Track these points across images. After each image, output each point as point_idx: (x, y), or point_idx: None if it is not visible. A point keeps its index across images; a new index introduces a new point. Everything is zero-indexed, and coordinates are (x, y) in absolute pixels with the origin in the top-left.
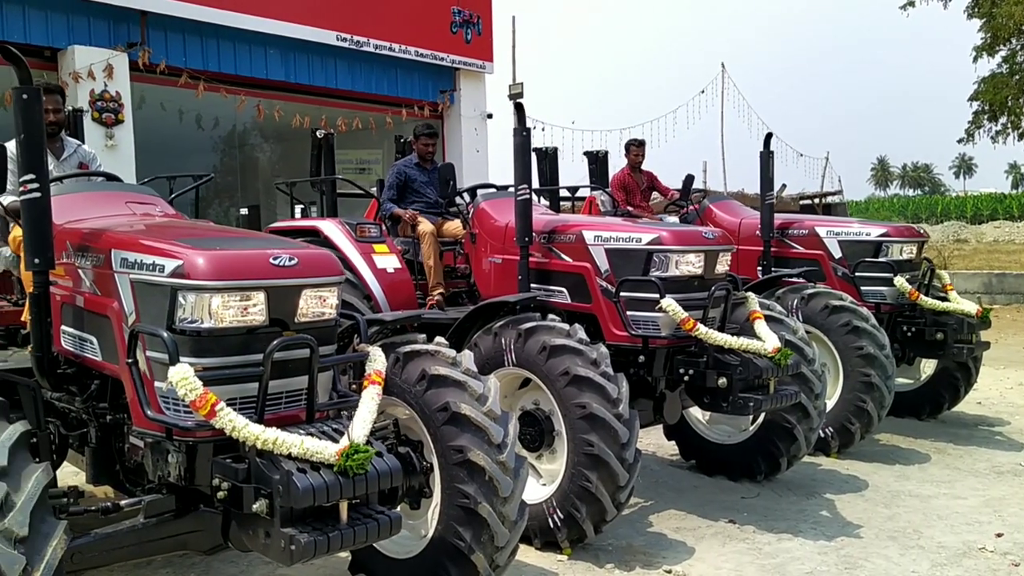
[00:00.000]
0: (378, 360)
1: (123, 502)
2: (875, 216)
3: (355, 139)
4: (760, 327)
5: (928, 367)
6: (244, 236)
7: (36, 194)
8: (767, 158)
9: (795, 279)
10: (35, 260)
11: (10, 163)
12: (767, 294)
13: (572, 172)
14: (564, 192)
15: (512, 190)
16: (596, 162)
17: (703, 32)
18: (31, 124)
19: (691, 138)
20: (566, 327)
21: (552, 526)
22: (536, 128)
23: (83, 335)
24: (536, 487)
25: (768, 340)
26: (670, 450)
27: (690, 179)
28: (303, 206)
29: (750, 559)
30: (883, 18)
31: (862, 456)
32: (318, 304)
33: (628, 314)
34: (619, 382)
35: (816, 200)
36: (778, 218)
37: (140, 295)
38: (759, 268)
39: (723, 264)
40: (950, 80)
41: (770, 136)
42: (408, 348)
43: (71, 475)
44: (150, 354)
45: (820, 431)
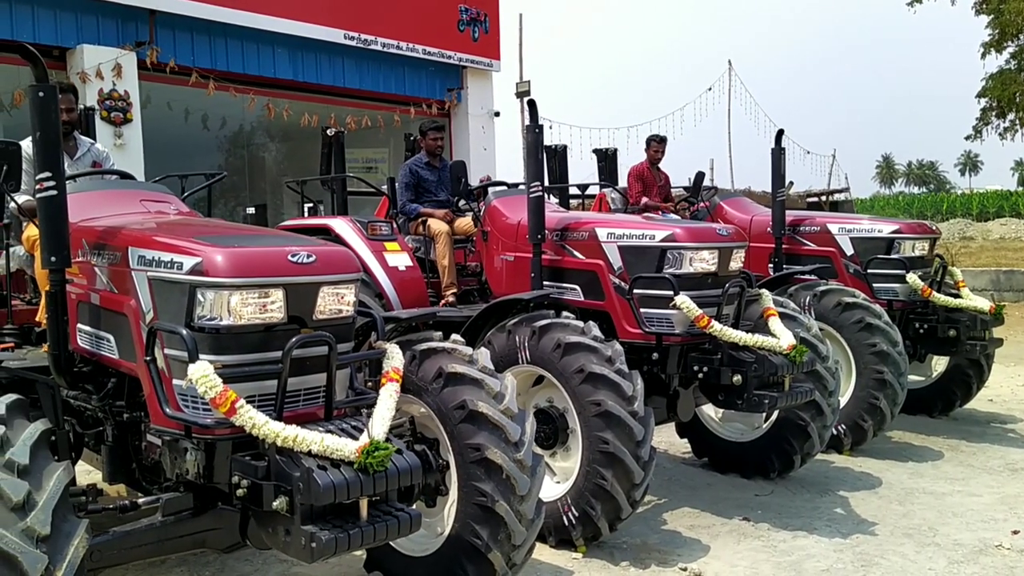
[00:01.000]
0: (396, 357)
1: (141, 500)
2: (881, 214)
3: (361, 138)
4: (774, 324)
5: (940, 364)
6: (262, 234)
7: (52, 192)
8: (778, 155)
9: (807, 276)
10: (52, 258)
11: (24, 163)
12: (779, 291)
13: (579, 170)
14: (573, 190)
15: (523, 188)
16: (605, 160)
17: (710, 30)
18: (47, 122)
19: (698, 135)
20: (580, 324)
21: (567, 524)
22: (544, 125)
23: (100, 333)
24: (551, 485)
25: (783, 337)
26: (682, 448)
27: (700, 176)
28: (311, 204)
29: (765, 556)
30: (889, 16)
31: (875, 454)
32: (336, 301)
33: (642, 311)
34: (634, 380)
35: (823, 197)
36: (789, 215)
37: (158, 292)
38: (770, 265)
39: (737, 261)
40: (955, 78)
41: (781, 133)
42: (425, 346)
43: (83, 474)
44: (168, 352)
45: (833, 428)
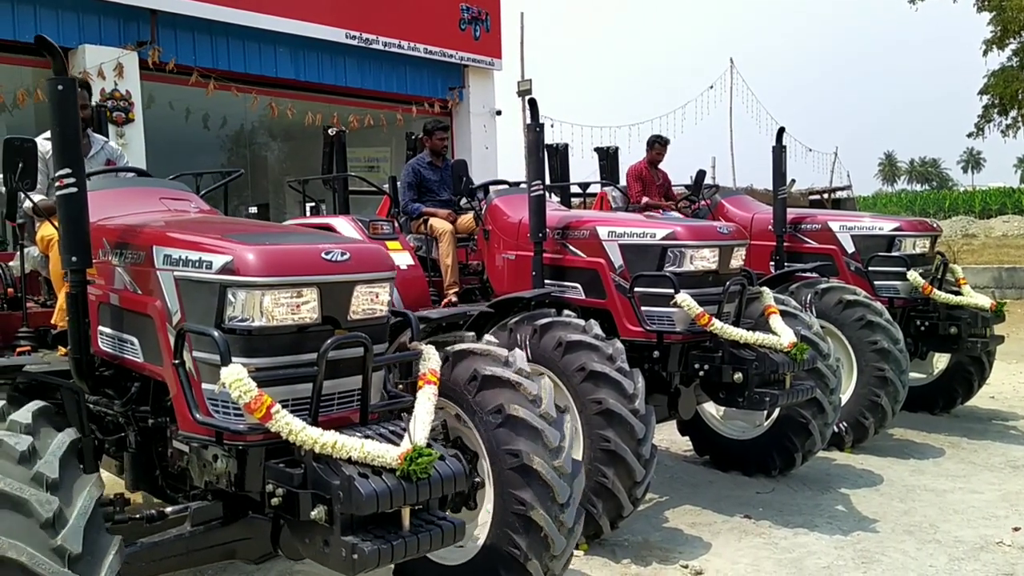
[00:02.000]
0: (433, 359)
1: (168, 509)
2: (883, 211)
3: (362, 137)
4: (775, 322)
5: (941, 361)
6: (292, 231)
7: (72, 189)
8: (779, 152)
9: (808, 274)
10: (72, 258)
11: (39, 161)
12: (780, 289)
13: (580, 169)
14: (575, 188)
15: (525, 186)
16: (607, 158)
17: (711, 28)
18: (66, 116)
19: (700, 133)
20: (582, 323)
21: None
22: (545, 124)
23: (122, 336)
24: None
25: (784, 335)
26: (684, 445)
27: (702, 174)
28: (313, 204)
29: (767, 554)
30: (891, 13)
31: (876, 451)
32: (370, 300)
33: (643, 309)
34: (635, 378)
35: (825, 195)
36: (790, 213)
37: (185, 293)
38: (771, 263)
39: (738, 259)
40: (957, 75)
41: (782, 131)
42: (459, 347)
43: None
44: (197, 354)
45: (834, 426)
